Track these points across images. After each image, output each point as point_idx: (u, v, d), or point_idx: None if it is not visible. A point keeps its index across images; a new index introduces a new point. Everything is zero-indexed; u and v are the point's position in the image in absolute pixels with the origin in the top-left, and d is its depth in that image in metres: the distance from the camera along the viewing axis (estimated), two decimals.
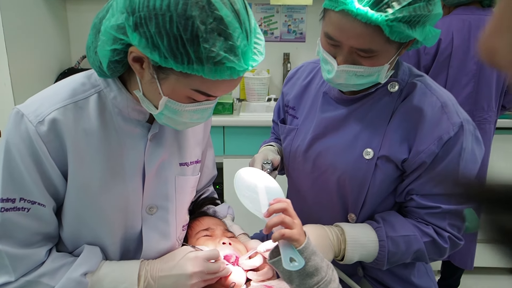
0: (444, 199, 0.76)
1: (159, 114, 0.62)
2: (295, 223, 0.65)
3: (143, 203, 0.71)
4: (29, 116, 0.61)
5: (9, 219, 0.61)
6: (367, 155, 0.79)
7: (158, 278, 0.68)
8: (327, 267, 0.64)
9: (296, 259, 0.61)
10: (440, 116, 0.76)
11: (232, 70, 0.54)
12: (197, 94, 0.59)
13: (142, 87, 0.62)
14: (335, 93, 0.86)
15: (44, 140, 0.61)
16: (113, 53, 0.57)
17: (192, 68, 0.54)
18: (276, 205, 0.67)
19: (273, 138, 1.09)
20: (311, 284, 0.61)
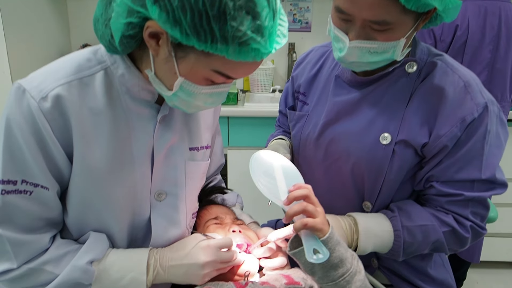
0: (467, 186, 0.72)
1: (172, 95, 0.58)
2: (318, 211, 0.61)
3: (152, 189, 0.67)
4: (32, 91, 0.56)
5: (10, 202, 0.57)
6: (384, 140, 0.75)
7: (169, 267, 0.64)
8: (352, 258, 0.60)
9: (320, 250, 0.56)
10: (463, 96, 0.71)
11: (257, 52, 0.51)
12: (217, 75, 0.55)
13: (155, 66, 0.57)
14: (348, 76, 0.82)
15: (48, 118, 0.56)
16: (128, 27, 0.53)
17: (215, 48, 0.49)
18: (296, 191, 0.62)
19: (280, 131, 1.04)
20: (335, 277, 0.57)
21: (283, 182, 0.65)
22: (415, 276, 0.84)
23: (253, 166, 0.65)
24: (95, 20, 0.58)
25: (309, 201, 0.62)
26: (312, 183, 0.88)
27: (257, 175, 0.64)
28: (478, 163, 0.71)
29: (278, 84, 2.11)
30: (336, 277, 0.57)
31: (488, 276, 2.00)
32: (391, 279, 0.85)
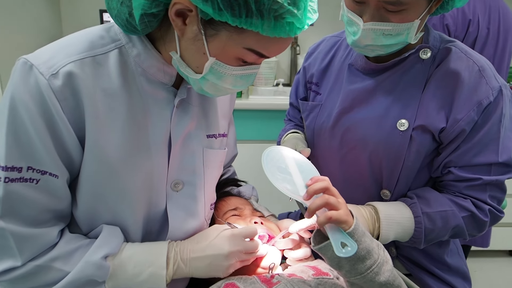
0: (485, 170, 0.72)
1: (201, 79, 0.55)
2: (340, 203, 0.58)
3: (168, 179, 0.63)
4: (40, 67, 0.51)
5: (14, 192, 0.52)
6: (401, 127, 0.74)
7: (190, 260, 0.60)
8: (378, 248, 0.58)
9: (347, 243, 0.53)
10: (479, 80, 0.71)
11: (291, 26, 0.48)
12: (250, 54, 0.52)
13: (181, 48, 0.54)
14: (362, 63, 0.81)
15: (58, 97, 0.51)
16: (151, 4, 0.49)
17: (250, 23, 0.47)
18: (316, 185, 0.59)
19: (292, 125, 1.01)
20: (363, 269, 0.55)
21: (299, 176, 0.63)
22: (433, 264, 0.83)
23: (266, 163, 0.63)
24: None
25: (329, 193, 0.59)
26: (327, 173, 0.86)
27: (272, 172, 0.61)
28: (495, 147, 0.71)
29: (281, 78, 2.09)
30: (364, 270, 0.55)
31: (486, 265, 2.04)
32: (410, 268, 0.84)
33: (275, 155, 0.66)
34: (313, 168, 0.68)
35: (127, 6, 0.52)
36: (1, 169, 0.51)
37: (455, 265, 0.85)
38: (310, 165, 0.69)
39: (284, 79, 2.06)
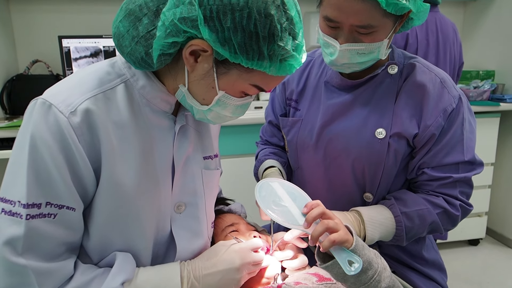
0: (454, 169, 0.81)
1: (207, 109, 0.60)
2: (338, 224, 0.61)
3: (172, 201, 0.65)
4: (59, 106, 0.53)
5: (34, 228, 0.52)
6: (379, 135, 0.82)
7: (203, 276, 0.62)
8: (376, 256, 0.62)
9: (353, 260, 0.57)
10: (442, 91, 0.81)
11: (291, 67, 0.56)
12: (253, 88, 0.59)
13: (189, 82, 0.58)
14: (337, 81, 0.88)
15: (77, 132, 0.53)
16: (171, 45, 0.53)
17: (260, 65, 0.54)
18: (313, 212, 0.63)
19: (267, 154, 1.02)
20: (366, 279, 0.58)
21: (295, 206, 0.66)
22: (412, 259, 0.91)
23: (261, 200, 0.66)
24: (118, 36, 0.56)
25: (326, 217, 0.63)
26: (313, 182, 0.92)
27: (269, 208, 0.64)
28: (461, 148, 0.81)
29: None
30: (367, 280, 0.58)
31: (447, 255, 2.20)
32: (393, 266, 0.91)
33: (267, 189, 0.69)
34: (303, 193, 0.72)
35: (144, 46, 0.55)
36: (23, 206, 0.51)
37: (432, 259, 0.94)
38: (300, 191, 0.73)
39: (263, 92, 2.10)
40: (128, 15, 0.55)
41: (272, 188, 0.69)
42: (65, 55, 1.80)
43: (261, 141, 1.11)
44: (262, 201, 0.65)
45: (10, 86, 1.82)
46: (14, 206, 0.52)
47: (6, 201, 0.52)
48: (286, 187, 0.71)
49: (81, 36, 1.81)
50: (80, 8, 1.99)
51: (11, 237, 0.51)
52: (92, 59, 1.84)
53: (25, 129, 0.53)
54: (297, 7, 0.56)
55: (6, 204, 0.52)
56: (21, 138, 0.53)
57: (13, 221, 0.51)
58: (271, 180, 0.73)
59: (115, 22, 0.57)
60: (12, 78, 1.83)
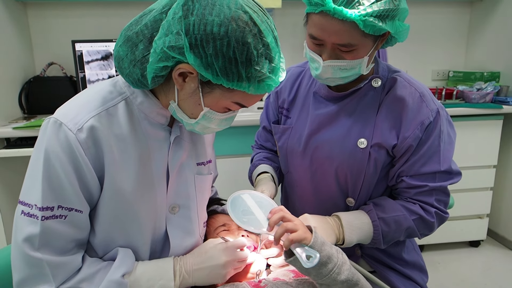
0: (430, 178, 0.86)
1: (195, 123, 0.67)
2: (297, 225, 0.69)
3: (167, 203, 0.73)
4: (68, 124, 0.61)
5: (48, 227, 0.61)
6: (361, 145, 0.87)
7: (193, 271, 0.71)
8: (337, 252, 0.69)
9: (311, 254, 0.64)
10: (420, 104, 0.86)
11: (269, 86, 0.63)
12: (235, 105, 0.66)
13: (179, 98, 0.66)
14: (325, 92, 0.94)
15: (83, 147, 0.62)
16: (162, 69, 0.61)
17: (240, 85, 0.60)
18: (274, 217, 0.71)
19: (261, 158, 1.09)
20: (327, 272, 0.65)
21: (261, 213, 0.75)
22: (393, 260, 0.97)
23: (232, 210, 0.74)
24: (118, 59, 0.64)
25: (286, 220, 0.71)
26: (301, 186, 0.99)
27: (238, 217, 0.73)
28: (437, 158, 0.86)
29: None
30: (327, 272, 0.65)
31: (447, 256, 2.21)
32: (373, 266, 0.97)
33: (237, 201, 0.78)
34: (271, 201, 0.81)
35: (140, 69, 0.63)
36: (39, 209, 0.60)
37: (412, 260, 0.99)
38: (269, 200, 0.81)
39: None
40: (126, 41, 0.63)
41: (243, 199, 0.79)
42: (78, 58, 1.90)
43: (256, 145, 1.18)
44: (232, 212, 0.74)
45: (28, 87, 1.93)
46: (31, 209, 0.61)
47: (25, 204, 0.62)
48: (256, 197, 0.80)
49: (93, 40, 1.91)
50: (92, 13, 2.08)
51: (29, 235, 0.60)
52: (103, 62, 1.94)
53: (40, 144, 0.62)
54: (274, 33, 0.62)
55: (25, 207, 0.62)
56: (37, 151, 0.63)
57: (31, 221, 0.61)
58: (242, 192, 0.81)
59: (115, 47, 0.65)
60: (29, 80, 1.95)
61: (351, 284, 0.66)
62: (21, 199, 0.63)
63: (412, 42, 2.41)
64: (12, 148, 1.59)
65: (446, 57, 2.58)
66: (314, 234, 0.68)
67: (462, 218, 2.20)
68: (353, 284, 0.66)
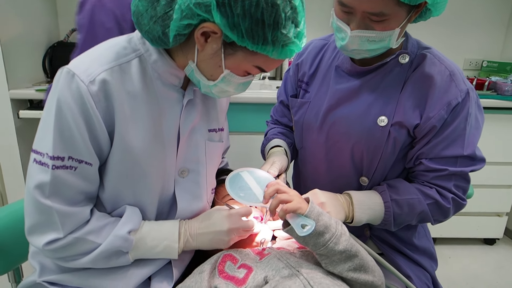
0: (451, 162, 0.83)
1: (213, 85, 0.66)
2: (291, 195, 0.69)
3: (176, 167, 0.73)
4: (81, 75, 0.61)
5: (58, 177, 0.62)
6: (381, 123, 0.84)
7: (197, 235, 0.71)
8: (336, 223, 0.67)
9: (306, 223, 0.64)
10: (449, 84, 0.81)
11: (291, 51, 0.62)
12: (255, 69, 0.65)
13: (198, 59, 0.64)
14: (348, 66, 0.90)
15: (95, 99, 0.61)
16: (185, 27, 0.60)
17: (264, 49, 0.59)
18: (268, 190, 0.71)
19: (275, 133, 1.07)
20: (324, 242, 0.64)
21: (257, 187, 0.75)
22: (402, 244, 0.95)
23: (229, 186, 0.75)
24: (137, 14, 0.63)
25: (280, 192, 0.71)
26: (314, 163, 0.97)
27: (235, 192, 0.74)
28: (461, 142, 0.82)
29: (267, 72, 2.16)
30: (325, 242, 0.64)
31: (459, 251, 2.18)
32: (382, 248, 0.95)
33: (235, 178, 0.79)
34: (268, 177, 0.81)
35: (161, 26, 0.61)
36: (50, 158, 0.61)
37: (423, 246, 0.97)
38: (266, 175, 0.81)
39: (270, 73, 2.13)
40: None
41: (241, 176, 0.79)
42: None
43: (272, 120, 1.16)
44: (230, 188, 0.75)
45: (51, 52, 1.96)
46: (43, 157, 0.62)
47: (37, 153, 0.63)
48: (253, 173, 0.81)
49: None
50: None
51: (40, 182, 0.62)
52: None
53: (53, 94, 0.62)
54: None
55: (37, 155, 0.63)
56: (50, 101, 0.63)
57: (42, 169, 0.62)
58: (241, 170, 0.81)
59: (134, 1, 0.63)
60: (53, 45, 1.97)
61: (349, 255, 0.65)
62: (34, 147, 0.64)
63: (443, 26, 2.27)
64: (35, 109, 1.64)
65: (481, 45, 2.41)
66: (310, 204, 0.67)
67: (479, 215, 2.14)
68: (352, 255, 0.65)
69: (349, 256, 0.65)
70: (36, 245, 0.64)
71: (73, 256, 0.66)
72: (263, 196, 0.72)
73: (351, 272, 0.65)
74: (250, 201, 0.72)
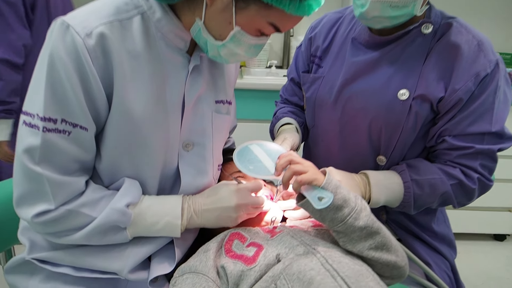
0: (478, 139, 0.76)
1: (221, 45, 0.60)
2: (306, 166, 0.63)
3: (180, 139, 0.67)
4: (76, 27, 0.55)
5: (50, 141, 0.56)
6: (402, 96, 0.78)
7: (202, 211, 0.65)
8: (356, 198, 0.62)
9: (323, 195, 0.58)
10: (477, 54, 0.75)
11: (310, 7, 0.56)
12: (269, 27, 0.59)
13: (206, 16, 0.58)
14: (365, 37, 0.84)
15: (91, 55, 0.55)
16: None
17: (280, 2, 0.54)
18: (280, 161, 0.65)
19: (285, 112, 1.02)
20: (343, 217, 0.59)
21: (269, 160, 0.69)
22: (421, 230, 0.89)
23: (237, 159, 0.69)
24: None
25: (294, 162, 0.64)
26: (327, 142, 0.91)
27: (244, 165, 0.68)
28: (489, 117, 0.75)
29: (274, 60, 2.11)
30: (343, 217, 0.59)
31: (469, 247, 2.12)
32: (399, 233, 0.89)
33: (244, 151, 0.72)
34: (280, 149, 0.74)
35: None
36: (40, 119, 0.55)
37: (442, 233, 0.91)
38: (277, 147, 0.75)
39: (277, 61, 2.07)
40: None
41: (250, 149, 0.73)
42: None
43: (281, 100, 1.10)
44: (238, 161, 0.69)
45: None
46: (33, 119, 0.56)
47: (27, 114, 0.57)
48: (264, 146, 0.74)
49: None
50: None
51: (29, 146, 0.56)
52: None
53: (45, 47, 0.56)
54: None
55: (27, 116, 0.57)
56: (42, 56, 0.56)
57: (32, 132, 0.56)
58: (250, 143, 0.75)
59: None
60: None
61: (370, 231, 0.59)
62: (24, 109, 0.58)
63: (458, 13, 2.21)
64: None
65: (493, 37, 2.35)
66: (327, 175, 0.61)
67: (489, 209, 2.08)
68: (374, 232, 0.59)
69: (370, 233, 0.59)
70: (24, 217, 0.58)
71: (65, 231, 0.60)
72: (274, 168, 0.66)
73: (372, 251, 0.59)
74: (261, 174, 0.66)
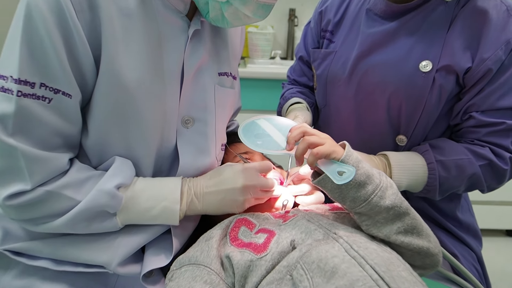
0: (509, 114, 0.69)
1: (225, 3, 0.52)
2: (323, 138, 0.56)
3: (179, 114, 0.60)
4: None
5: (26, 109, 0.48)
6: (424, 68, 0.70)
7: (204, 195, 0.57)
8: (380, 174, 0.54)
9: (344, 169, 0.50)
10: (507, 20, 0.68)
11: None
12: None
13: None
14: (382, 7, 0.77)
15: (76, 9, 0.48)
16: None
17: None
18: (293, 133, 0.58)
19: (294, 92, 0.94)
20: (366, 195, 0.51)
21: (278, 134, 0.62)
22: (445, 218, 0.81)
23: (243, 134, 0.62)
24: None
25: (308, 134, 0.57)
26: (340, 122, 0.83)
27: (251, 140, 0.61)
28: None
29: (278, 50, 2.04)
30: (367, 195, 0.51)
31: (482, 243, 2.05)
32: None
33: (250, 126, 0.65)
34: (290, 122, 0.66)
35: None
36: (14, 81, 0.47)
37: (467, 222, 0.83)
38: (287, 121, 0.67)
39: (280, 51, 2.02)
40: None
41: (257, 124, 0.65)
42: None
43: (289, 80, 1.02)
44: (244, 136, 0.61)
45: None
46: (6, 82, 0.48)
47: (0, 77, 0.48)
48: (273, 120, 0.67)
49: None
50: None
51: (1, 113, 0.48)
52: None
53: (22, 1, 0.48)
54: None
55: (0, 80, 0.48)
56: (19, 8, 0.49)
57: (4, 97, 0.48)
58: (256, 118, 0.67)
59: None
60: None
61: (398, 212, 0.51)
62: None
63: None
64: None
65: None
66: (347, 147, 0.54)
67: (501, 204, 2.01)
68: (402, 213, 0.51)
69: (398, 215, 0.51)
70: None
71: (44, 217, 0.52)
72: (285, 142, 0.58)
73: (401, 236, 0.51)
74: (270, 149, 0.58)
